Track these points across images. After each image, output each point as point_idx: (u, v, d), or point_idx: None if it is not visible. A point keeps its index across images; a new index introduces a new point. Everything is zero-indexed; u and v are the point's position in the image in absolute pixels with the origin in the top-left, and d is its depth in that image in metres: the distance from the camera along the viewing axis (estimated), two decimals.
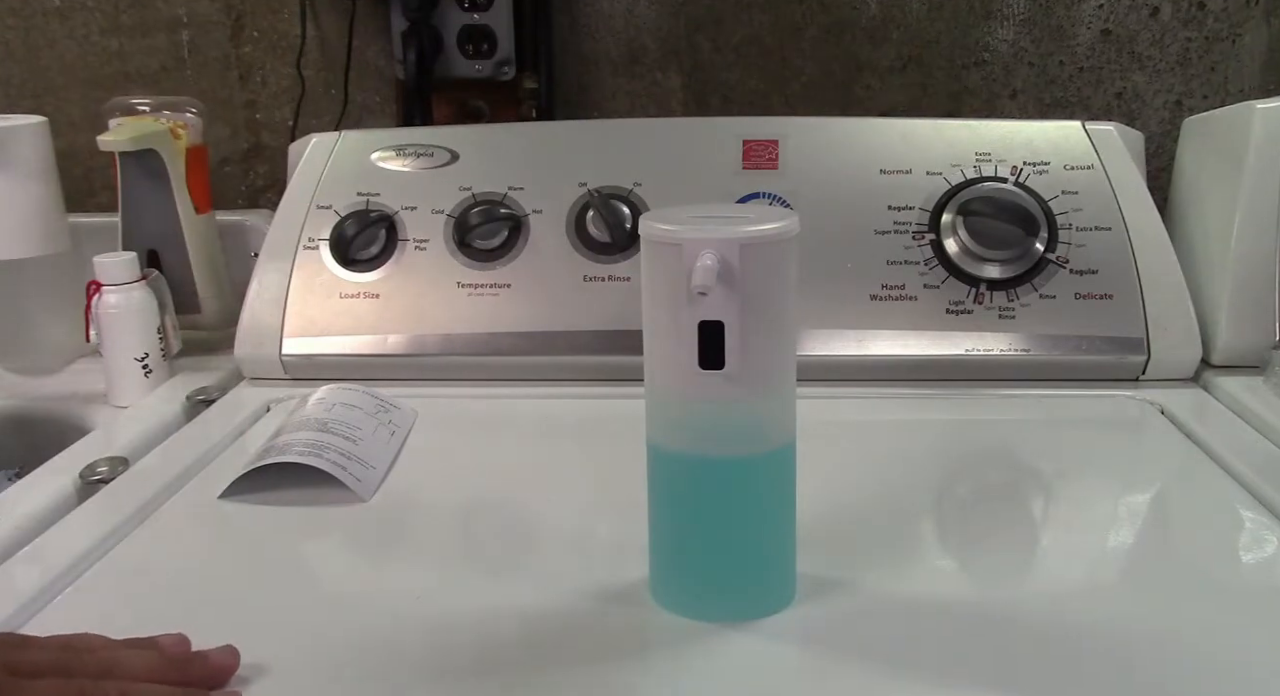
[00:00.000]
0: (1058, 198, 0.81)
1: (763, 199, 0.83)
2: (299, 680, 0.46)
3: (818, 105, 1.04)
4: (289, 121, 1.09)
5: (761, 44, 1.04)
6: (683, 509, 0.50)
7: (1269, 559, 0.56)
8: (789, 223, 0.46)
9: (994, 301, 0.79)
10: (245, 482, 0.63)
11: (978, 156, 0.83)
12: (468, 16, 1.01)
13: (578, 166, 0.85)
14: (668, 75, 1.06)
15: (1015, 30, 1.02)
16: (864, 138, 0.84)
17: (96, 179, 1.08)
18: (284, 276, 0.83)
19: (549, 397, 0.79)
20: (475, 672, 0.46)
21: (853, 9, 1.02)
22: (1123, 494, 0.66)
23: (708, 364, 0.46)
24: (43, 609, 0.52)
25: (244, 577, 0.56)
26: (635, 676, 0.46)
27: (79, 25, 1.09)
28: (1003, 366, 0.79)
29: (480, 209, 0.83)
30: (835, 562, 0.54)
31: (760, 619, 0.50)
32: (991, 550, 0.58)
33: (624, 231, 0.82)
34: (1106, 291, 0.79)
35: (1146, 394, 0.77)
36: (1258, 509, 0.60)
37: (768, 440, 0.49)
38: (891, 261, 0.80)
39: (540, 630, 0.49)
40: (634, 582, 0.52)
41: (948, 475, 0.68)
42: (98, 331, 0.81)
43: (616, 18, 1.05)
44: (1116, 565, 0.57)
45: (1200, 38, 1.00)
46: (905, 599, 0.52)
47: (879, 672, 0.46)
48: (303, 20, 1.06)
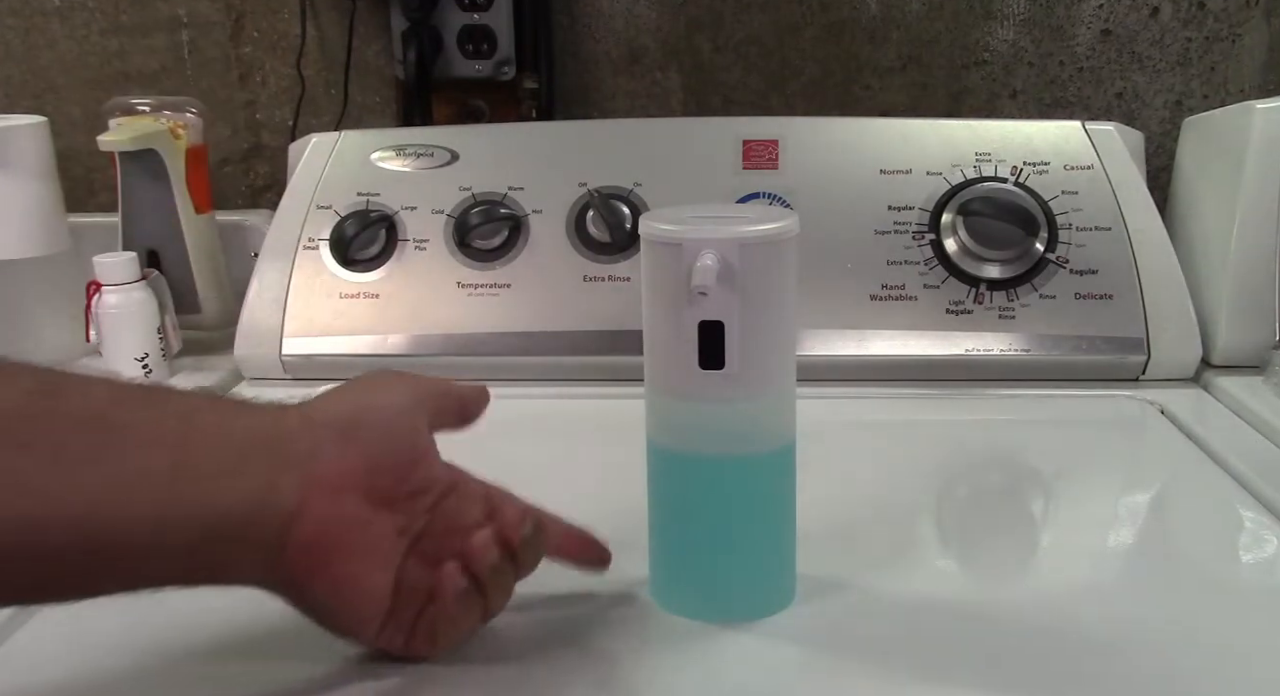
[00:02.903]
0: (1058, 198, 0.81)
1: (762, 199, 0.83)
2: (299, 680, 0.46)
3: (818, 105, 1.04)
4: (289, 121, 1.09)
5: (761, 44, 1.04)
6: (683, 509, 0.50)
7: (1269, 559, 0.56)
8: (789, 222, 0.46)
9: (994, 301, 0.79)
10: None
11: (978, 156, 0.83)
12: (468, 16, 1.01)
13: (578, 166, 0.85)
14: (668, 75, 1.06)
15: (1015, 30, 1.01)
16: (864, 138, 0.84)
17: (96, 179, 1.08)
18: (284, 276, 0.83)
19: (549, 397, 0.79)
20: (475, 672, 0.46)
21: (853, 9, 1.02)
22: (1123, 494, 0.66)
23: (708, 364, 0.46)
24: (42, 608, 0.52)
25: None
26: (635, 676, 0.46)
27: (79, 25, 1.08)
28: (1003, 366, 0.79)
29: (480, 209, 0.83)
30: (835, 562, 0.54)
31: (760, 619, 0.50)
32: (991, 550, 0.58)
33: (624, 231, 0.82)
34: (1106, 291, 0.79)
35: (1146, 394, 0.77)
36: (1258, 509, 0.60)
37: (768, 440, 0.49)
38: (891, 261, 0.80)
39: (540, 630, 0.49)
40: (634, 582, 0.52)
41: (947, 475, 0.68)
42: (98, 331, 0.81)
43: (616, 18, 1.05)
44: (1116, 565, 0.57)
45: (1200, 38, 1.00)
46: (905, 599, 0.52)
47: (879, 672, 0.46)
48: (303, 20, 1.06)
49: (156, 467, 0.39)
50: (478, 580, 0.45)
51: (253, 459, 0.41)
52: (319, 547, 0.41)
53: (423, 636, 0.45)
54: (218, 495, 0.40)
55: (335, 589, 0.42)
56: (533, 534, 0.46)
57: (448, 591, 0.44)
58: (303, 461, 0.41)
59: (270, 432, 0.42)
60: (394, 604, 0.44)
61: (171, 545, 0.39)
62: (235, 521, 0.40)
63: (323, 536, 0.41)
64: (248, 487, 0.40)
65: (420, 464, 0.45)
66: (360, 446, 0.43)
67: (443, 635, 0.46)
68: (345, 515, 0.42)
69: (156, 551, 0.39)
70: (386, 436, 0.44)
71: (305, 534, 0.41)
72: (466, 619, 0.46)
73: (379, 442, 0.43)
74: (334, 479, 0.42)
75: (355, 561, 0.42)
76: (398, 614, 0.44)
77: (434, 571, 0.44)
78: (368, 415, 0.44)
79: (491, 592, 0.46)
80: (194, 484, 0.39)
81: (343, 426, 0.43)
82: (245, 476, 0.40)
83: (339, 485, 0.42)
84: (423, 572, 0.44)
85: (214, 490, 0.40)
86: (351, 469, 0.42)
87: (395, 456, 0.44)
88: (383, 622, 0.44)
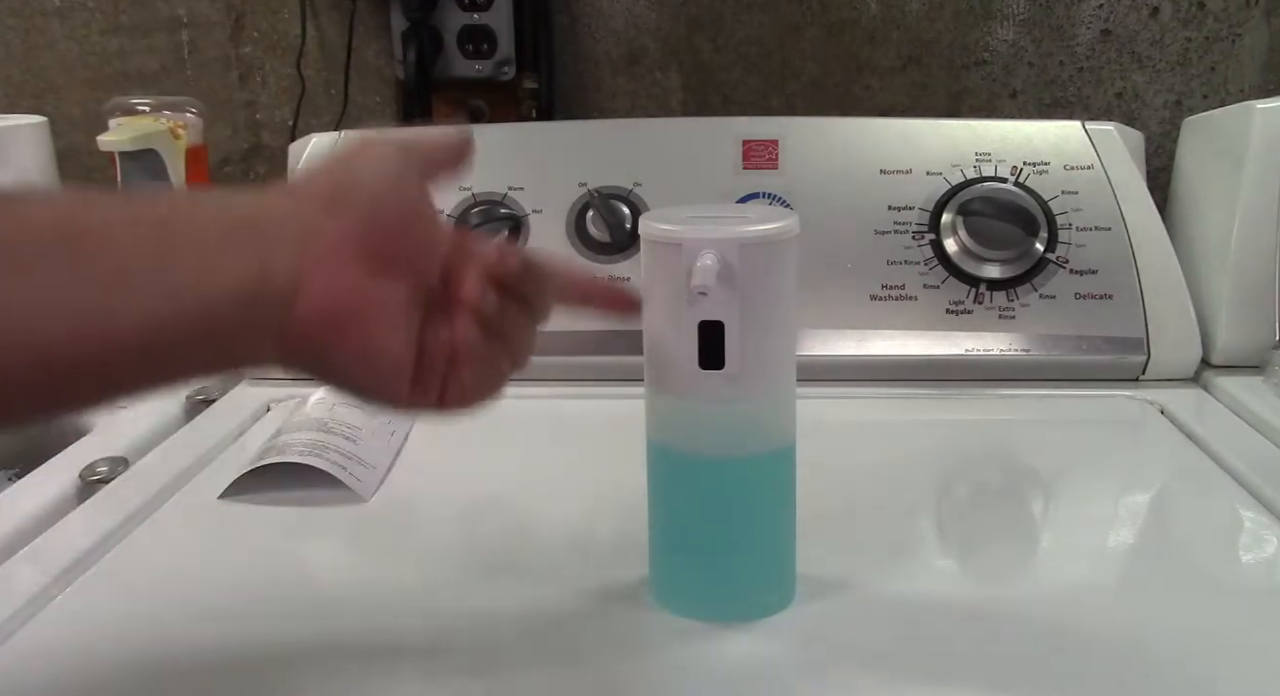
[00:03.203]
0: (1058, 198, 0.81)
1: (762, 199, 0.83)
2: (299, 679, 0.46)
3: (818, 105, 1.04)
4: (289, 121, 1.09)
5: (761, 44, 1.04)
6: (683, 509, 0.50)
7: (1269, 559, 0.56)
8: (789, 223, 0.46)
9: (994, 301, 0.79)
10: (245, 482, 0.63)
11: (978, 156, 0.83)
12: (468, 16, 1.01)
13: (578, 166, 0.85)
14: (668, 75, 1.06)
15: (1015, 30, 1.02)
16: (864, 138, 0.84)
17: (96, 179, 1.08)
18: None
19: (549, 397, 0.79)
20: (475, 672, 0.46)
21: (853, 9, 1.02)
22: (1122, 494, 0.66)
23: (708, 364, 0.46)
24: (43, 609, 0.52)
25: (244, 578, 0.56)
26: (635, 676, 0.46)
27: (79, 25, 1.08)
28: (1003, 366, 0.79)
29: (480, 209, 0.83)
30: (835, 563, 0.54)
31: (760, 619, 0.50)
32: (991, 550, 0.58)
33: (624, 231, 0.82)
34: (1106, 291, 0.79)
35: (1146, 394, 0.77)
36: (1258, 509, 0.60)
37: (768, 440, 0.49)
38: (891, 261, 0.80)
39: (540, 630, 0.49)
40: (634, 582, 0.52)
41: (947, 475, 0.68)
42: None
43: (616, 18, 1.05)
44: (1116, 565, 0.57)
45: (1200, 38, 1.00)
46: (905, 599, 0.52)
47: (879, 672, 0.46)
48: (303, 20, 1.06)
49: (137, 266, 0.37)
50: (491, 329, 0.44)
51: (241, 243, 0.39)
52: (328, 320, 0.40)
53: (454, 393, 0.44)
54: (207, 285, 0.38)
55: (355, 358, 0.41)
56: (524, 269, 0.45)
57: (462, 341, 0.43)
58: (294, 238, 0.40)
59: (255, 214, 0.40)
60: (420, 364, 0.43)
61: (167, 343, 0.37)
62: (231, 309, 0.38)
63: (330, 308, 0.40)
64: (239, 273, 0.38)
65: (418, 222, 0.43)
66: (353, 214, 0.41)
67: (471, 389, 0.45)
68: (348, 284, 0.40)
69: (152, 352, 0.37)
70: (378, 201, 0.42)
71: (310, 309, 0.39)
72: (492, 369, 0.45)
73: (371, 208, 0.42)
74: (329, 250, 0.40)
75: (369, 327, 0.41)
76: (424, 374, 0.43)
77: (450, 327, 0.43)
78: (356, 183, 0.42)
79: (511, 338, 0.45)
80: (180, 276, 0.37)
81: (330, 198, 0.41)
82: (235, 262, 0.38)
83: (336, 256, 0.40)
84: (442, 329, 0.43)
85: (204, 281, 0.38)
86: (346, 238, 0.41)
87: (391, 220, 0.42)
88: (411, 384, 0.43)
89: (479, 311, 0.44)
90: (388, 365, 0.42)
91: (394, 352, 0.42)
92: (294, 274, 0.39)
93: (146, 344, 0.37)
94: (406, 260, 0.42)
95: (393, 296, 0.42)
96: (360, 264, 0.41)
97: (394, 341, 0.42)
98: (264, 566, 0.57)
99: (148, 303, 0.37)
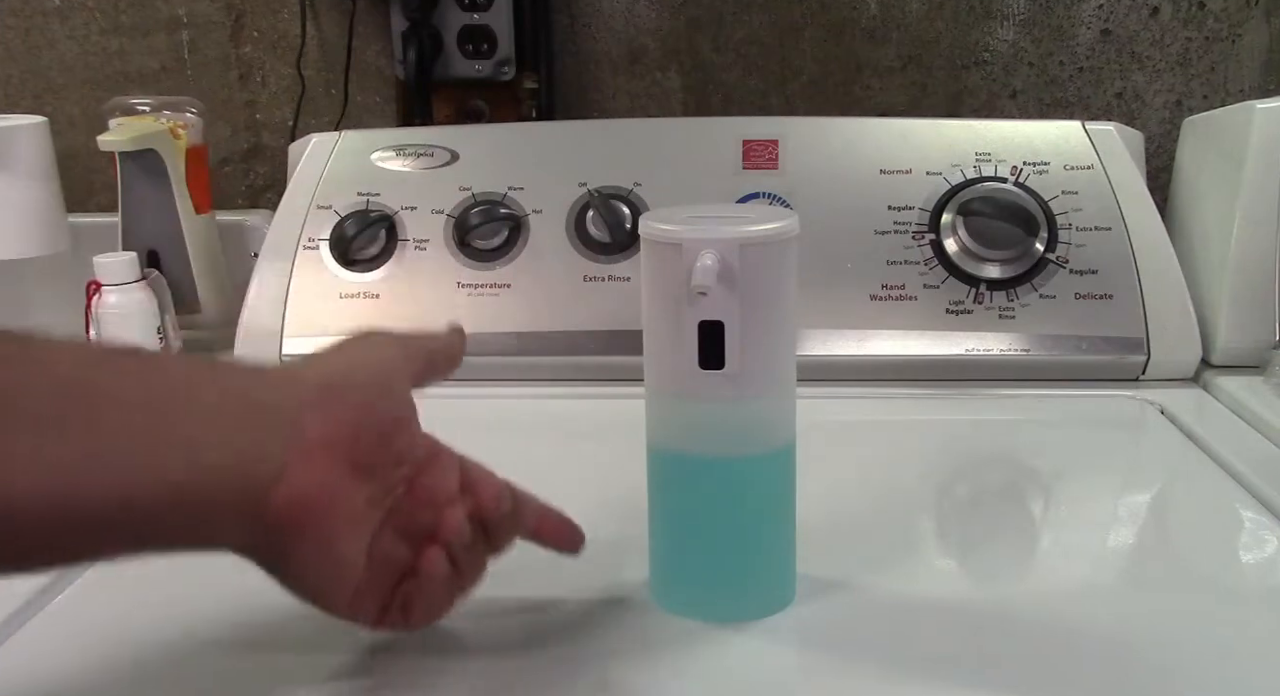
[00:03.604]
0: (1058, 198, 0.81)
1: (762, 199, 0.83)
2: (298, 678, 0.46)
3: (817, 105, 1.04)
4: (289, 121, 1.09)
5: (761, 44, 1.04)
6: (683, 509, 0.50)
7: (1269, 559, 0.56)
8: (789, 223, 0.46)
9: (994, 301, 0.79)
10: None
11: (978, 156, 0.83)
12: (468, 16, 1.01)
13: (578, 166, 0.85)
14: (668, 75, 1.06)
15: (1015, 30, 1.02)
16: (864, 138, 0.84)
17: (96, 179, 1.08)
18: (284, 276, 0.83)
19: (549, 397, 0.79)
20: (476, 672, 0.46)
21: (853, 9, 1.02)
22: (1122, 494, 0.66)
23: (708, 364, 0.46)
24: (43, 609, 0.52)
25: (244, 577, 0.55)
26: (635, 676, 0.46)
27: (79, 25, 1.08)
28: (1003, 366, 0.79)
29: (480, 209, 0.83)
30: (835, 563, 0.54)
31: (760, 619, 0.50)
32: (991, 550, 0.58)
33: (624, 231, 0.82)
34: (1106, 291, 0.79)
35: (1146, 394, 0.77)
36: (1258, 509, 0.60)
37: (768, 440, 0.49)
38: (891, 261, 0.80)
39: (540, 630, 0.49)
40: (634, 583, 0.52)
41: (947, 475, 0.68)
42: (97, 331, 0.81)
43: (616, 18, 1.05)
44: (1116, 565, 0.57)
45: (1200, 38, 1.00)
46: (905, 599, 0.52)
47: (879, 672, 0.46)
48: (303, 20, 1.06)
49: (131, 435, 0.37)
50: (451, 558, 0.45)
51: (237, 422, 0.40)
52: (298, 513, 0.40)
53: (397, 611, 0.45)
54: (199, 460, 0.38)
55: (310, 556, 0.41)
56: (510, 511, 0.46)
57: (430, 574, 0.44)
58: (288, 424, 0.40)
59: (254, 395, 0.41)
60: (367, 575, 0.43)
61: (148, 514, 0.37)
62: (217, 486, 0.38)
63: (302, 502, 0.40)
64: (231, 451, 0.39)
65: (402, 431, 0.44)
66: (346, 410, 0.42)
67: (418, 612, 0.45)
68: (326, 481, 0.41)
69: (132, 521, 0.37)
70: (369, 406, 0.43)
71: (289, 497, 0.40)
72: (443, 597, 0.46)
73: (360, 410, 0.42)
74: (314, 445, 0.40)
75: (331, 528, 0.41)
76: (371, 586, 0.43)
77: (407, 545, 0.44)
78: (350, 381, 0.43)
79: (465, 570, 0.46)
80: (173, 449, 0.38)
81: (328, 389, 0.42)
82: (229, 440, 0.39)
83: (323, 450, 0.41)
84: (396, 545, 0.44)
85: (195, 455, 0.38)
86: (336, 434, 0.41)
87: (380, 423, 0.43)
88: (355, 593, 0.43)
89: (454, 543, 0.44)
90: (338, 570, 0.42)
91: (348, 560, 0.42)
92: (281, 459, 0.40)
93: (128, 514, 0.37)
94: (380, 468, 0.43)
95: (361, 503, 0.42)
96: (338, 465, 0.41)
97: (350, 549, 0.42)
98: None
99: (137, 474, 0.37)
